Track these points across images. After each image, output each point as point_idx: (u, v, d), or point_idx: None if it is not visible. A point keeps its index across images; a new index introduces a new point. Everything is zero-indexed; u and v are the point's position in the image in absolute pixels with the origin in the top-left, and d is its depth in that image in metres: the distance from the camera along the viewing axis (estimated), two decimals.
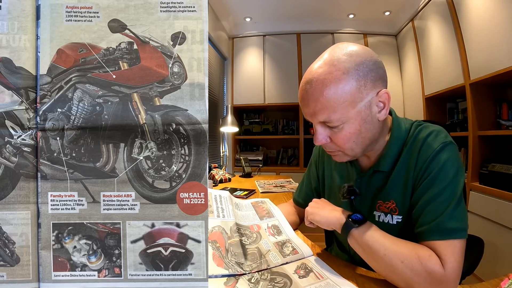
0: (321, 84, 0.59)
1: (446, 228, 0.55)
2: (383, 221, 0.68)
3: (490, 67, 1.80)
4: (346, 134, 0.62)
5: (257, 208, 0.92)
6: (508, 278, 0.55)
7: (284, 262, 0.67)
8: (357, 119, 0.61)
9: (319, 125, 0.64)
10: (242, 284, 0.58)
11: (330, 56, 0.61)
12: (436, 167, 0.60)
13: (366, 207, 0.73)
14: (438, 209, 0.57)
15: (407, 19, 3.02)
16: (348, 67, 0.58)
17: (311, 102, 0.61)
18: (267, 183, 1.91)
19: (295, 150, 3.79)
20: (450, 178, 0.58)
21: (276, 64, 3.52)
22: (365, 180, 0.73)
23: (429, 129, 0.66)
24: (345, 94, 0.58)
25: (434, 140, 0.62)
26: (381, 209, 0.69)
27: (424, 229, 0.58)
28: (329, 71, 0.59)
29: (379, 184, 0.70)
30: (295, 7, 3.19)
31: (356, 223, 0.61)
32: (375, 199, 0.70)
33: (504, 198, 1.66)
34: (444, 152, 0.60)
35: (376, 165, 0.70)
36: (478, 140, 1.98)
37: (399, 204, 0.66)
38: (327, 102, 0.59)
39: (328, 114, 0.60)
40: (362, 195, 0.73)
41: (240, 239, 0.72)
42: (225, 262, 0.64)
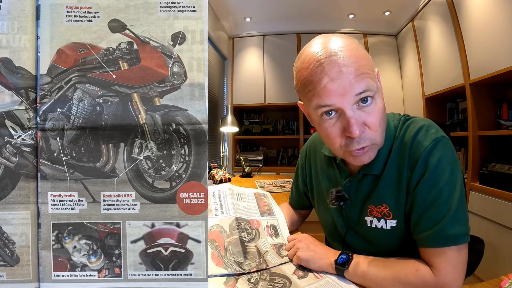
0: (352, 49, 0.54)
1: (448, 235, 0.53)
2: (376, 226, 0.65)
3: (490, 67, 1.80)
4: (379, 109, 0.56)
5: (259, 200, 0.92)
6: (508, 278, 0.55)
7: (283, 262, 0.67)
8: (380, 90, 0.57)
9: (350, 109, 0.54)
10: (242, 284, 0.58)
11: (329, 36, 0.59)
12: (430, 167, 0.56)
13: (356, 212, 0.69)
14: (438, 214, 0.54)
15: (407, 19, 3.02)
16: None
17: (344, 71, 0.53)
18: (267, 183, 1.91)
19: (295, 150, 3.79)
20: (446, 177, 0.55)
21: (276, 64, 3.52)
22: (354, 184, 0.68)
23: (418, 124, 0.61)
24: (370, 59, 0.56)
25: (424, 137, 0.58)
26: (373, 214, 0.65)
27: (424, 236, 0.55)
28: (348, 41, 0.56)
29: (369, 188, 0.66)
30: (295, 7, 3.19)
31: (344, 265, 0.60)
32: (365, 204, 0.66)
33: (504, 198, 1.66)
34: (437, 149, 0.57)
35: (366, 168, 0.65)
36: (478, 140, 1.98)
37: (392, 208, 0.62)
38: (364, 66, 0.54)
39: (368, 79, 0.53)
40: (352, 200, 0.69)
41: (239, 236, 0.72)
42: (224, 262, 0.64)
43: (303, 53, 0.60)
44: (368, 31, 3.44)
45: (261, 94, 3.52)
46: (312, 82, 0.56)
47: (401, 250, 0.64)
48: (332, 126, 0.58)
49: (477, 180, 1.94)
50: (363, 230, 0.69)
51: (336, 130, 0.58)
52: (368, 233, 0.67)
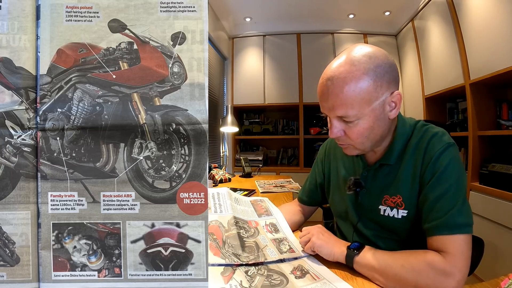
0: (342, 81, 0.63)
1: (456, 223, 0.59)
2: (388, 215, 0.71)
3: (490, 67, 1.80)
4: (360, 129, 0.66)
5: (255, 206, 0.93)
6: (508, 278, 0.55)
7: (282, 258, 0.67)
8: (371, 116, 0.65)
9: (335, 120, 0.68)
10: (239, 275, 0.59)
11: (350, 56, 0.64)
12: (442, 165, 0.63)
13: (371, 201, 0.76)
14: (447, 205, 0.60)
15: (407, 19, 3.02)
16: (367, 68, 0.62)
17: (331, 97, 0.64)
18: (267, 183, 1.91)
19: (295, 150, 3.79)
20: (455, 178, 0.62)
21: (276, 64, 3.51)
22: (371, 174, 0.76)
23: (435, 130, 0.70)
24: (363, 93, 0.62)
25: (439, 140, 0.67)
26: (387, 204, 0.72)
27: (434, 224, 0.61)
28: (350, 70, 0.62)
29: (386, 179, 0.73)
30: (295, 7, 3.19)
31: (356, 250, 0.65)
32: (381, 194, 0.73)
33: (504, 198, 1.66)
34: (448, 151, 0.65)
35: (382, 159, 0.74)
36: (478, 140, 1.98)
37: (405, 199, 0.69)
38: (346, 99, 0.63)
39: (346, 110, 0.64)
40: (367, 189, 0.76)
41: (238, 232, 0.73)
42: (222, 252, 0.65)
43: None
44: (368, 31, 3.44)
45: (261, 94, 3.52)
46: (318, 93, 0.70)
47: (409, 238, 0.71)
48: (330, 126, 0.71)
49: (477, 180, 1.94)
50: (375, 218, 0.75)
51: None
52: (380, 221, 0.74)
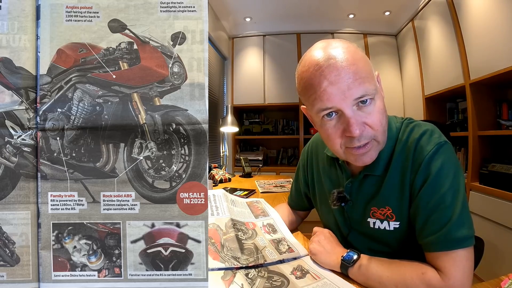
0: (350, 52, 0.55)
1: (454, 238, 0.53)
2: (379, 227, 0.65)
3: (490, 67, 1.80)
4: (379, 109, 0.57)
5: (252, 207, 0.93)
6: (508, 278, 0.55)
7: (281, 259, 0.67)
8: (379, 92, 0.59)
9: (349, 110, 0.55)
10: (240, 278, 0.58)
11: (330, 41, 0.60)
12: (433, 171, 0.56)
13: (358, 214, 0.69)
14: (444, 217, 0.54)
15: (407, 19, 3.02)
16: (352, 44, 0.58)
17: (343, 74, 0.54)
18: (267, 183, 1.91)
19: (295, 150, 3.79)
20: (449, 182, 0.56)
21: (276, 64, 3.51)
22: (355, 185, 0.69)
23: (421, 128, 0.62)
24: (369, 62, 0.57)
25: (428, 141, 0.59)
26: (376, 216, 0.65)
27: (430, 240, 0.55)
28: (344, 43, 0.58)
29: (372, 190, 0.66)
30: (295, 7, 3.19)
31: (349, 262, 0.60)
32: (368, 206, 0.67)
33: (504, 198, 1.66)
34: (440, 154, 0.57)
35: (367, 169, 0.65)
36: (478, 140, 1.98)
37: (395, 210, 0.63)
38: (361, 70, 0.55)
39: (365, 84, 0.54)
40: (353, 201, 0.69)
41: (236, 234, 0.73)
42: (221, 256, 0.64)
43: (304, 58, 0.61)
44: (368, 31, 3.44)
45: (261, 94, 3.52)
46: (312, 85, 0.57)
47: (404, 249, 0.65)
48: (333, 127, 0.59)
49: (477, 180, 1.94)
50: (366, 231, 0.69)
51: (336, 131, 0.59)
52: (371, 233, 0.68)
